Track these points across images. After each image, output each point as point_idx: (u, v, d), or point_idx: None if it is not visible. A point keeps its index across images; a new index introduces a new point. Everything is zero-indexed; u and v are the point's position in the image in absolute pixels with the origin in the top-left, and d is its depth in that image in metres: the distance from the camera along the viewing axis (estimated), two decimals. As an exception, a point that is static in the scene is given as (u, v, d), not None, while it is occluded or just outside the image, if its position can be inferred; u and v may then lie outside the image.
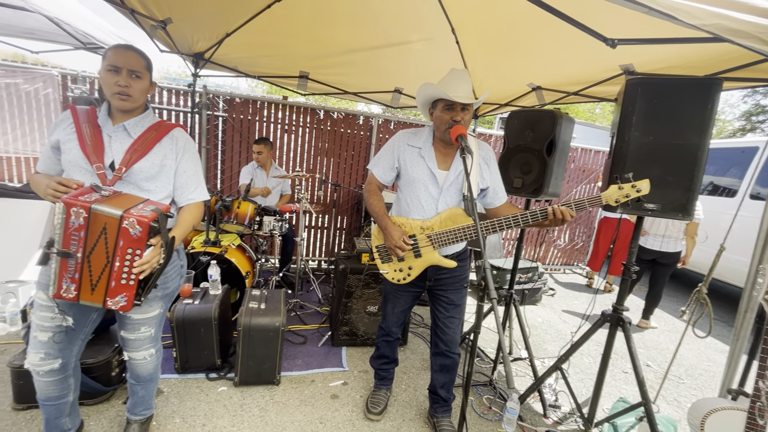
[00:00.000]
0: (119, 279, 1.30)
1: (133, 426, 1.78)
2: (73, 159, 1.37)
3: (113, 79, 1.36)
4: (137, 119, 1.47)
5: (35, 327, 1.42)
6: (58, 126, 1.42)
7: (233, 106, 4.30)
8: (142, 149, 1.43)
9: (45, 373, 1.45)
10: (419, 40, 2.95)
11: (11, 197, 3.32)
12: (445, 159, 1.86)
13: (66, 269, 1.27)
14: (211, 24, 2.81)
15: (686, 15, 1.22)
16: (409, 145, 1.88)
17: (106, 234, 1.26)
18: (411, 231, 1.83)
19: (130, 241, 1.27)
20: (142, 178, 1.44)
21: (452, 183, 1.82)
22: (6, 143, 3.81)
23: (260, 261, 3.41)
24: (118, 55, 1.37)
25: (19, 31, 3.07)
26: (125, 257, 1.28)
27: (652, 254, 3.74)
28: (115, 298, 1.31)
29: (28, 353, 1.44)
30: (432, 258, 1.82)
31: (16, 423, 1.84)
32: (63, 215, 1.22)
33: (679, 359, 3.38)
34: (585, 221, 6.10)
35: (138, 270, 1.31)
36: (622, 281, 1.93)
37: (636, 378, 1.87)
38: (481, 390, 2.53)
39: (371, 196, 1.94)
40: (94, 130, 1.40)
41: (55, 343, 1.43)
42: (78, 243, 1.25)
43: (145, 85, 1.44)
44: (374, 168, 1.95)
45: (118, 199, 1.31)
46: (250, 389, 2.27)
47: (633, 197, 1.58)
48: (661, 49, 1.97)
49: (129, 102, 1.40)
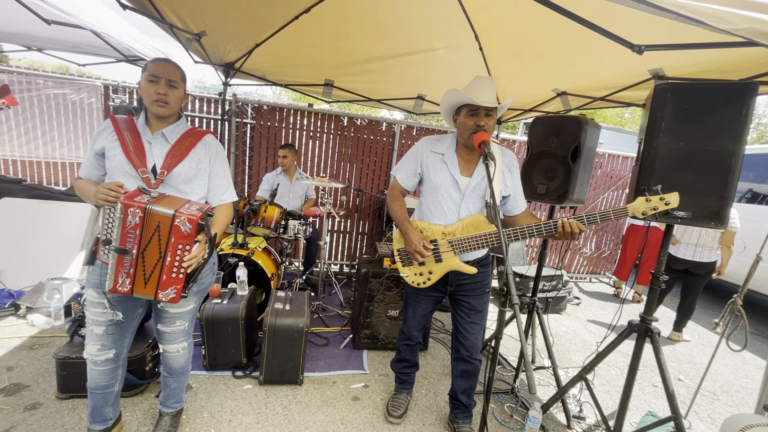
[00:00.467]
0: (170, 273, 1.42)
1: (165, 418, 1.87)
2: (118, 164, 1.48)
3: (153, 88, 1.47)
4: (173, 126, 1.58)
5: (90, 322, 1.56)
6: (100, 135, 1.53)
7: (261, 113, 4.45)
8: (180, 154, 1.54)
9: (101, 362, 1.59)
10: (443, 48, 2.99)
11: (56, 200, 3.56)
12: (467, 165, 1.87)
13: (122, 265, 1.39)
14: (241, 35, 2.95)
15: (716, 20, 1.20)
16: (432, 151, 1.91)
17: (159, 231, 1.38)
18: (432, 236, 1.84)
19: (181, 238, 1.39)
20: (180, 181, 1.55)
21: (474, 189, 1.83)
22: (53, 149, 4.08)
23: (285, 264, 3.50)
24: (158, 67, 1.49)
25: (68, 45, 3.31)
26: (176, 252, 1.40)
27: (684, 264, 3.60)
28: (166, 291, 1.43)
29: (86, 345, 1.58)
30: (453, 263, 1.83)
31: (60, 411, 1.97)
32: (121, 215, 1.34)
33: (714, 375, 3.23)
34: (612, 229, 5.92)
35: (188, 264, 1.42)
36: (650, 290, 1.88)
37: (665, 391, 1.81)
38: (502, 398, 2.50)
39: (393, 200, 1.98)
40: (135, 137, 1.52)
41: (109, 335, 1.57)
42: (134, 240, 1.37)
43: (180, 95, 1.55)
44: (397, 173, 1.99)
45: (167, 200, 1.42)
46: (274, 388, 2.34)
47: (661, 210, 1.56)
48: (692, 53, 1.92)
49: (166, 109, 1.51)
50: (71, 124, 4.08)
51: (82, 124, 4.10)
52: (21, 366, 2.30)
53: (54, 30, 2.55)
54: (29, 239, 3.35)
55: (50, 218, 3.45)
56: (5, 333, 2.64)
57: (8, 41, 3.38)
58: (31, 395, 2.06)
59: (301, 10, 2.60)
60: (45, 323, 2.77)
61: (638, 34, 1.63)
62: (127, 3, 2.10)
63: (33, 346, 2.52)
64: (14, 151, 4.02)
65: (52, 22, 2.40)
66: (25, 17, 2.38)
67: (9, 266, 3.22)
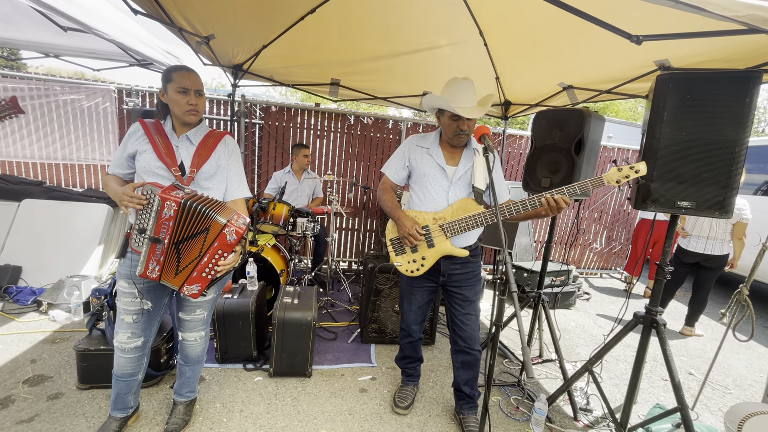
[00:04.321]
0: (201, 272, 1.52)
1: (179, 407, 1.95)
2: (147, 165, 1.59)
3: (184, 99, 1.58)
4: (195, 129, 1.69)
5: (121, 311, 1.67)
6: (130, 138, 1.64)
7: (269, 114, 4.53)
8: (205, 153, 1.66)
9: (129, 350, 1.70)
10: (448, 45, 3.01)
11: (75, 200, 3.69)
12: (452, 156, 1.97)
13: (154, 253, 1.51)
14: (249, 38, 3.01)
15: (716, 7, 1.20)
16: (418, 146, 2.02)
17: (207, 234, 1.49)
18: (424, 222, 1.92)
19: (224, 245, 1.51)
20: (202, 177, 1.66)
21: (461, 177, 1.92)
22: (71, 152, 4.23)
23: (294, 260, 3.56)
24: (185, 78, 1.58)
25: (84, 51, 3.43)
26: (214, 256, 1.51)
27: (695, 257, 3.54)
28: (191, 286, 1.54)
29: (116, 333, 1.69)
30: (445, 247, 1.89)
31: (80, 400, 2.06)
32: (158, 208, 1.45)
33: (726, 369, 3.18)
34: (623, 223, 5.85)
35: (221, 269, 1.53)
36: (655, 282, 1.88)
37: (671, 382, 1.81)
38: (509, 390, 2.52)
39: (384, 193, 2.07)
40: (165, 140, 1.63)
41: (137, 324, 1.68)
42: (166, 231, 1.48)
43: (205, 101, 1.68)
44: (387, 170, 2.09)
45: (222, 209, 1.53)
46: (283, 380, 2.40)
47: (633, 178, 1.62)
48: (698, 43, 1.91)
49: (196, 116, 1.63)
50: (87, 127, 4.22)
51: (97, 127, 4.24)
52: (44, 359, 2.40)
53: (70, 37, 2.65)
54: (49, 239, 3.48)
55: (69, 218, 3.58)
56: (29, 328, 2.76)
57: (27, 48, 3.52)
58: (53, 385, 2.16)
59: (306, 11, 2.65)
60: (65, 319, 2.89)
61: (638, 25, 1.63)
62: (139, 8, 2.18)
63: (54, 340, 2.63)
64: (34, 154, 4.18)
65: (68, 30, 2.50)
66: (43, 26, 2.49)
67: (31, 264, 3.36)
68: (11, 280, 3.22)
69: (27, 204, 3.56)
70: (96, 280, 3.29)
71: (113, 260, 3.77)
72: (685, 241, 3.61)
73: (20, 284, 3.26)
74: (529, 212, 1.75)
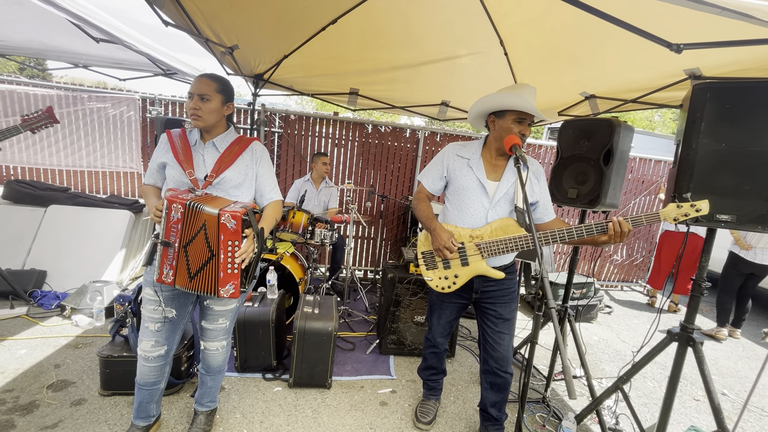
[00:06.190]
0: (225, 269, 1.49)
1: (200, 417, 1.93)
2: (172, 174, 1.62)
3: (189, 104, 1.61)
4: (222, 136, 1.69)
5: (145, 318, 1.67)
6: (159, 149, 1.69)
7: (288, 122, 4.57)
8: (228, 159, 1.65)
9: (153, 359, 1.69)
10: (467, 54, 3.00)
11: (98, 207, 3.76)
12: (494, 170, 1.86)
13: (166, 257, 1.50)
14: (271, 48, 3.06)
15: (766, 14, 1.15)
16: (458, 156, 1.92)
17: (206, 229, 1.46)
18: (459, 238, 1.83)
19: (229, 234, 1.46)
20: (230, 186, 1.65)
21: (504, 194, 1.82)
22: (95, 159, 4.33)
23: (311, 269, 3.55)
24: (194, 84, 1.61)
25: (111, 62, 3.53)
26: (227, 249, 1.47)
27: (756, 268, 3.64)
28: (225, 287, 1.50)
29: (140, 341, 1.69)
30: (479, 267, 1.81)
31: (103, 407, 2.07)
32: (166, 211, 1.45)
33: (762, 389, 3.03)
34: (645, 236, 5.70)
35: (239, 259, 1.48)
36: (691, 298, 1.80)
37: (710, 404, 1.72)
38: (533, 407, 2.44)
39: (420, 202, 1.97)
40: (185, 144, 1.65)
41: (161, 332, 1.67)
42: (176, 234, 1.47)
43: (213, 106, 1.61)
44: (423, 178, 2.00)
45: (214, 201, 1.51)
46: (303, 391, 2.37)
47: (692, 217, 1.53)
48: (733, 51, 1.85)
49: (200, 121, 1.61)
50: (111, 135, 4.33)
51: (121, 135, 4.34)
52: (67, 363, 2.42)
53: (101, 47, 2.73)
54: (73, 244, 3.54)
55: (93, 224, 3.64)
56: (53, 332, 2.79)
57: (58, 59, 3.63)
58: (76, 391, 2.17)
59: (327, 22, 2.67)
60: (88, 324, 2.92)
61: (675, 32, 1.58)
62: (169, 20, 2.22)
63: (77, 344, 2.66)
64: (60, 161, 4.29)
65: (100, 41, 2.57)
66: (75, 36, 2.56)
67: (55, 269, 3.42)
68: (36, 285, 3.28)
69: (53, 210, 3.64)
70: (117, 285, 3.33)
71: (134, 266, 3.82)
72: (751, 253, 3.67)
73: (44, 288, 3.32)
74: (585, 239, 1.63)
